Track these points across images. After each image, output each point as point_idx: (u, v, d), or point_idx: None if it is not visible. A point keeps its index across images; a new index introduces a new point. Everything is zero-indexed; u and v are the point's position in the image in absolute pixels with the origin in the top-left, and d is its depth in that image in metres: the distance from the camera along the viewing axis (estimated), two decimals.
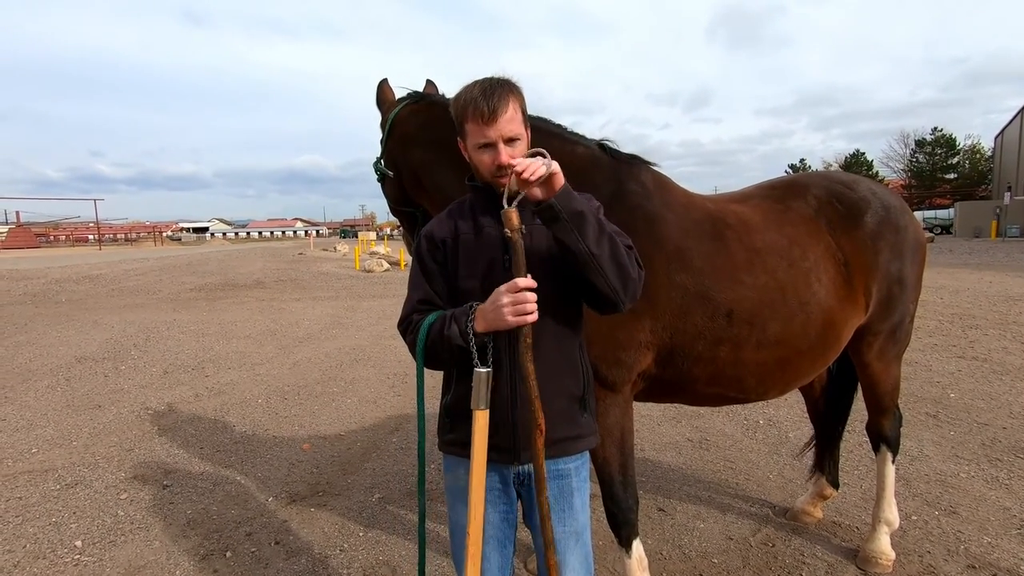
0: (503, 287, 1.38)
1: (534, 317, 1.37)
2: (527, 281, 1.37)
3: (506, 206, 1.39)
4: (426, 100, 2.33)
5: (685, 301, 2.04)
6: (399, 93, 2.43)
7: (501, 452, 1.54)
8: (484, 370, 1.44)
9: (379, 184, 2.49)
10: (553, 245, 1.50)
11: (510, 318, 1.36)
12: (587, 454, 1.67)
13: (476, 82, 1.52)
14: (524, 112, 1.54)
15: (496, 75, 1.54)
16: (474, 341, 1.42)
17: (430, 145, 2.22)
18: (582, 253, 1.41)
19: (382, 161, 2.39)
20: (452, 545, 1.69)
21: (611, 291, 1.46)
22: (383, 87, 2.49)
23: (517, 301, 1.35)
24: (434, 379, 1.63)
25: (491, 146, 1.48)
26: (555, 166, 1.38)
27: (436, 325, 1.48)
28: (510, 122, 1.46)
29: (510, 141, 1.48)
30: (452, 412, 1.62)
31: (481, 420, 1.45)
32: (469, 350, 1.43)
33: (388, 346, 7.69)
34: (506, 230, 1.38)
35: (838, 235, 2.36)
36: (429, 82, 2.53)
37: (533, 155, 1.42)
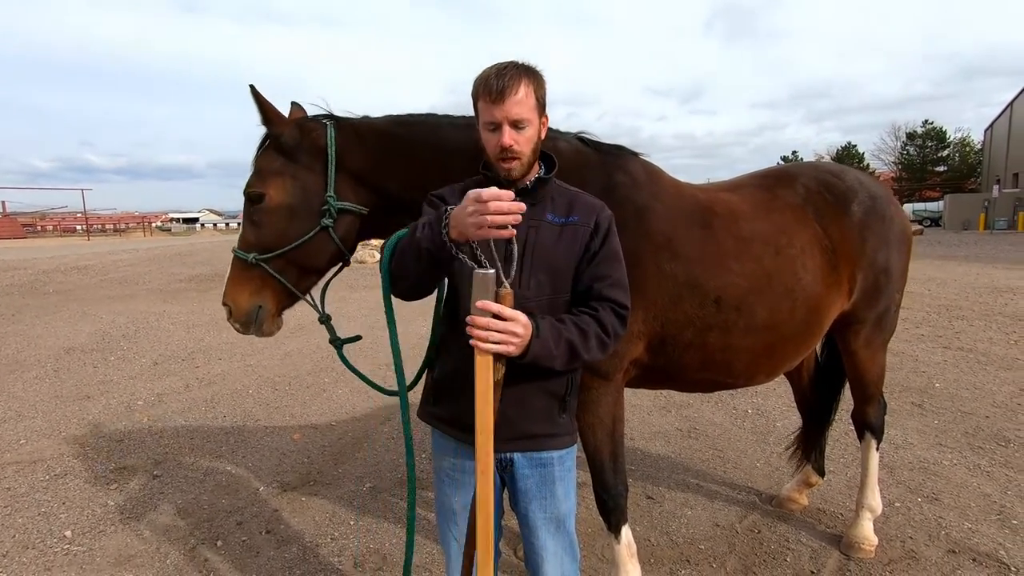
0: (472, 194, 1.30)
1: (499, 348, 1.31)
2: (492, 191, 1.26)
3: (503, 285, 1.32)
4: (363, 122, 2.09)
5: (675, 290, 2.06)
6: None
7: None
8: (484, 271, 1.31)
9: (315, 229, 1.97)
10: (555, 244, 1.50)
11: (472, 229, 1.29)
12: (574, 447, 1.67)
13: (500, 63, 1.50)
14: (539, 100, 1.50)
15: (522, 60, 1.51)
16: (453, 247, 1.35)
17: (411, 175, 2.02)
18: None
19: (334, 198, 1.97)
20: (439, 527, 1.70)
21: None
22: (264, 100, 2.00)
23: (481, 211, 1.27)
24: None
25: (498, 127, 1.45)
26: (520, 335, 1.32)
27: (407, 233, 1.48)
28: (518, 104, 1.43)
29: (516, 124, 1.45)
30: (440, 384, 1.62)
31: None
32: (437, 255, 1.38)
33: (380, 336, 7.66)
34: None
35: (826, 223, 2.39)
36: (296, 104, 2.15)
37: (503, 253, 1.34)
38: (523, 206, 1.30)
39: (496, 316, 1.31)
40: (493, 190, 1.28)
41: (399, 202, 2.05)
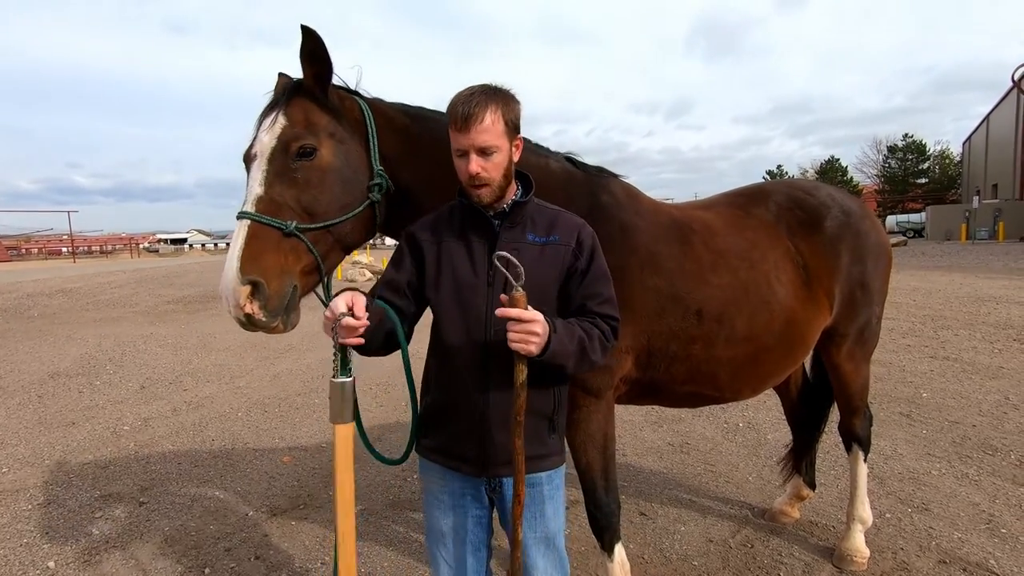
0: (330, 306, 1.44)
1: (518, 347, 1.34)
2: (336, 309, 1.42)
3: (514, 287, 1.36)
4: (390, 106, 1.98)
5: (659, 303, 2.10)
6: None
7: (468, 463, 1.56)
8: (339, 380, 1.49)
9: (364, 203, 1.80)
10: (535, 266, 1.50)
11: (328, 334, 1.44)
12: (563, 467, 1.68)
13: (470, 87, 1.51)
14: (510, 123, 1.49)
15: (495, 83, 1.53)
16: (336, 349, 1.46)
17: (423, 170, 1.89)
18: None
19: (383, 172, 1.82)
20: (428, 549, 1.71)
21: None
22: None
23: (328, 323, 1.42)
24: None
25: (465, 154, 1.47)
26: (539, 334, 1.36)
27: None
28: (484, 132, 1.44)
29: (484, 151, 1.46)
30: (428, 416, 1.63)
31: (341, 433, 1.50)
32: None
33: (370, 357, 7.62)
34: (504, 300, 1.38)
35: (797, 239, 2.45)
36: (282, 75, 1.91)
37: (506, 262, 1.36)
38: (365, 323, 1.43)
39: (515, 320, 1.34)
40: (339, 306, 1.41)
41: (406, 196, 1.93)
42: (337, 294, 1.48)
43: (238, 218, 1.62)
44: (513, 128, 1.52)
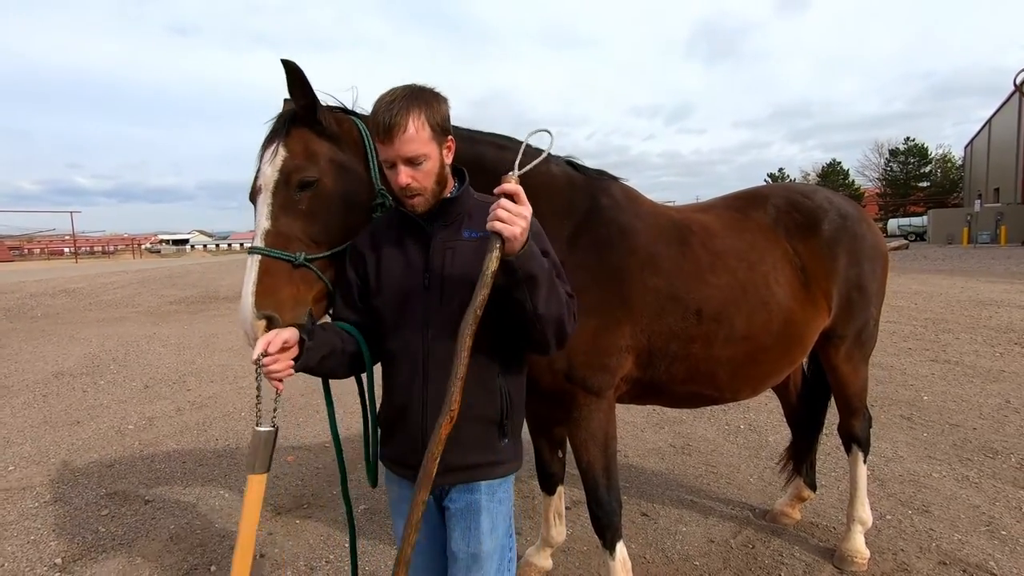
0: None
1: (502, 227, 1.27)
2: (258, 348, 1.38)
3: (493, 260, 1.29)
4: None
5: (659, 303, 2.14)
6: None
7: (414, 471, 1.46)
8: (261, 429, 1.50)
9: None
10: (475, 259, 1.38)
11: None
12: (510, 477, 1.60)
13: (391, 90, 1.42)
14: (436, 127, 1.42)
15: (417, 84, 1.45)
16: (258, 396, 1.48)
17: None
18: (528, 311, 1.37)
19: (384, 190, 1.78)
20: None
21: (545, 345, 1.44)
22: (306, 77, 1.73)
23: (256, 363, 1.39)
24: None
25: (394, 165, 1.42)
26: (527, 218, 1.30)
27: None
28: (410, 142, 1.37)
29: (412, 161, 1.40)
30: (384, 426, 1.63)
31: (255, 486, 1.49)
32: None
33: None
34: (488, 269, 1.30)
35: (795, 242, 2.48)
36: (287, 101, 1.88)
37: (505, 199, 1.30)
38: (285, 367, 1.41)
39: (511, 197, 1.29)
40: (259, 345, 1.38)
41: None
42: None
43: (249, 253, 1.64)
44: (441, 131, 1.44)
